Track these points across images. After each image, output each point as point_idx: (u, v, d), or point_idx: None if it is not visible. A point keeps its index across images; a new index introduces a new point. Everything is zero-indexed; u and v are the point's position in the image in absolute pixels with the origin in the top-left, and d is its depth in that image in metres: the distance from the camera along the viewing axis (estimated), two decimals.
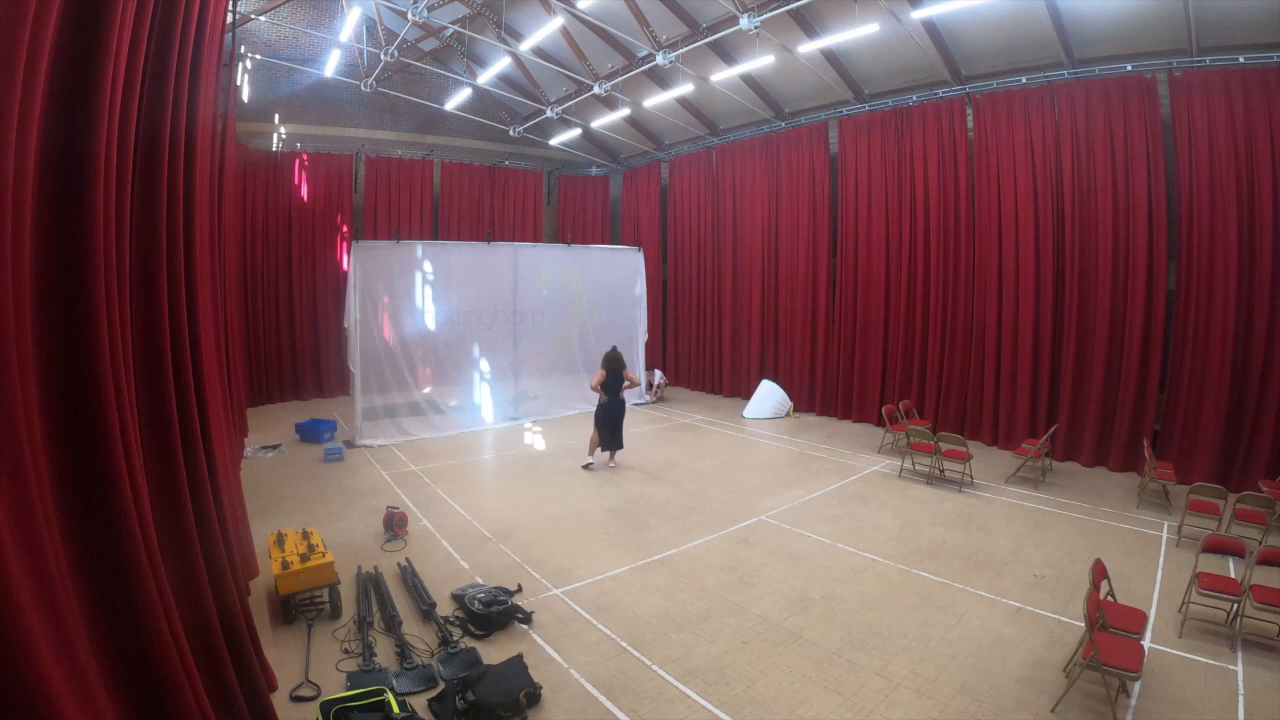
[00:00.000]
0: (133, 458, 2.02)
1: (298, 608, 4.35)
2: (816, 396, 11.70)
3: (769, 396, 11.50)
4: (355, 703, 3.17)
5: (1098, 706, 3.43)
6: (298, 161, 12.50)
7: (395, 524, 5.78)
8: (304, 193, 12.57)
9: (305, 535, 4.73)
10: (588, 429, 8.38)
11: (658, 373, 13.20)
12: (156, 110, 2.59)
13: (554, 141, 14.97)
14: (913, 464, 7.76)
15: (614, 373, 7.96)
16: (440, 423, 10.02)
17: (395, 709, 3.18)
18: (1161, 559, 5.46)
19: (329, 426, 9.26)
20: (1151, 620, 4.38)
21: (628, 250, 12.81)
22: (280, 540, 4.65)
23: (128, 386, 2.19)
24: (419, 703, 3.49)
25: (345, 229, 12.91)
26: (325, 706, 3.13)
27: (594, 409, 8.20)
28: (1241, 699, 3.59)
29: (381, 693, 3.26)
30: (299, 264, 12.53)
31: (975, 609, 4.60)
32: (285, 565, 4.25)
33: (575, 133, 14.44)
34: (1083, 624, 3.77)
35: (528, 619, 4.38)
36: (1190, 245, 7.50)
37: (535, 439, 9.85)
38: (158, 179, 2.65)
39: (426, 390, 10.30)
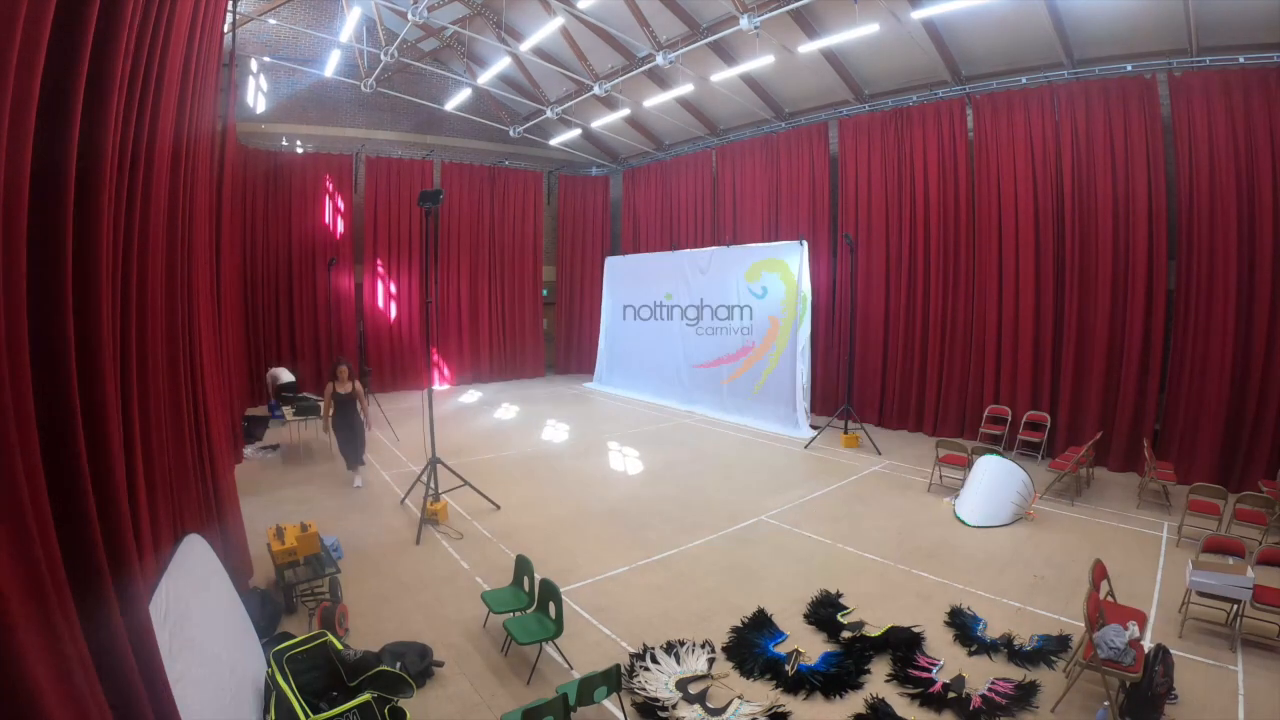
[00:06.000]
0: (129, 454, 2.03)
1: (299, 596, 4.51)
2: (816, 397, 11.66)
3: None
4: (300, 648, 3.33)
5: (1098, 707, 3.43)
6: (298, 161, 12.51)
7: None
8: (304, 192, 12.57)
9: (304, 528, 4.83)
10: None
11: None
12: (156, 110, 2.59)
13: (554, 142, 14.96)
14: (940, 476, 7.37)
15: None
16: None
17: (338, 646, 3.40)
18: (1161, 559, 5.46)
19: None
20: (1152, 620, 4.38)
21: (788, 245, 10.97)
22: (280, 533, 4.79)
23: (126, 384, 2.19)
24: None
25: (344, 228, 12.92)
26: (276, 655, 3.24)
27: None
28: (1241, 699, 3.59)
29: (323, 635, 3.42)
30: (299, 263, 12.54)
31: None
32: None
33: (575, 133, 14.44)
34: (1083, 624, 3.76)
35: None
36: (1190, 245, 7.49)
37: (542, 438, 9.86)
38: (157, 181, 2.65)
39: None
